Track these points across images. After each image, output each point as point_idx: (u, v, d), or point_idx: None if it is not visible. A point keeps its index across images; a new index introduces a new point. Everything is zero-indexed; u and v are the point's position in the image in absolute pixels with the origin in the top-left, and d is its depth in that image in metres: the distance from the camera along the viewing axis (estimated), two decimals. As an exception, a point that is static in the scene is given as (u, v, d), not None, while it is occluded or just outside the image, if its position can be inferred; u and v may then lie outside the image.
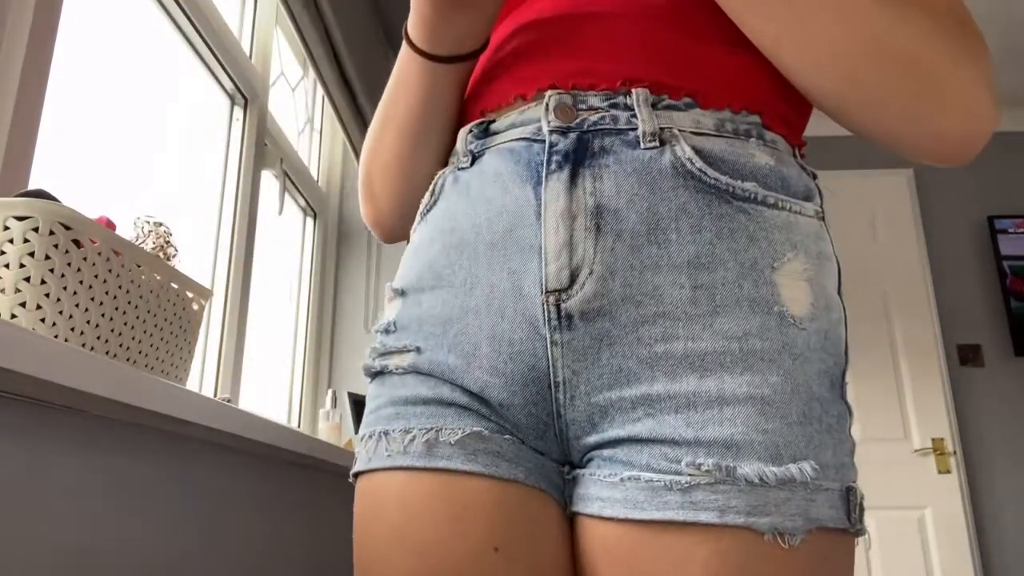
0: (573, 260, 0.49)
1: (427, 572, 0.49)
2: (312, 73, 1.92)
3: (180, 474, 0.82)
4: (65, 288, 0.63)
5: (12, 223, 0.61)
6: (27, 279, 0.61)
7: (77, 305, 0.64)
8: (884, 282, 3.16)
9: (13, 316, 0.60)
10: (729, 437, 0.44)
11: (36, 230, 0.61)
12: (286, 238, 1.99)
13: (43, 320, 0.61)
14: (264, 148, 1.66)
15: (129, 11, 1.22)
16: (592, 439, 0.49)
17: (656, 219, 0.48)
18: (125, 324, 0.71)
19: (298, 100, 2.08)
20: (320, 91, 1.97)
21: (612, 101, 0.52)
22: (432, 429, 0.52)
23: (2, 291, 0.60)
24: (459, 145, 0.58)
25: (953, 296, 3.17)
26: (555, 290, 0.49)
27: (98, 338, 0.67)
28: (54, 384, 0.52)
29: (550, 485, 0.52)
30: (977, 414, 3.05)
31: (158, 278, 0.77)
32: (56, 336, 0.62)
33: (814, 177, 0.56)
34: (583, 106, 0.52)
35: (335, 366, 2.14)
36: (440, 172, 0.60)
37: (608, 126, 0.51)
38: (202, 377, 1.39)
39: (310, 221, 2.15)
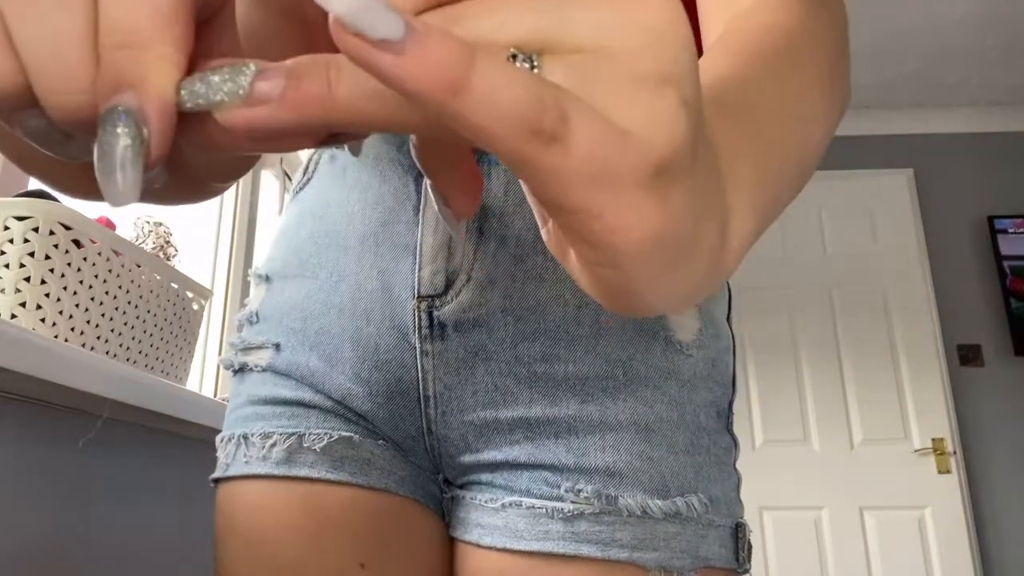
0: (450, 264, 0.44)
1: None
2: (312, 73, 1.92)
3: (180, 474, 0.82)
4: (65, 288, 0.63)
5: (12, 223, 0.61)
6: (27, 279, 0.61)
7: (77, 305, 0.64)
8: (884, 282, 3.16)
9: (13, 316, 0.60)
10: (611, 464, 0.42)
11: (36, 230, 0.61)
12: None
13: (43, 320, 0.61)
14: (264, 148, 1.66)
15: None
16: (467, 459, 0.46)
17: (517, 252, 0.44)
18: (125, 324, 0.71)
19: (298, 100, 2.09)
20: (320, 91, 1.97)
21: None
22: (295, 434, 0.46)
23: (2, 291, 0.60)
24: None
25: (953, 296, 3.17)
26: (428, 296, 0.44)
27: (98, 338, 0.67)
28: (54, 384, 0.52)
29: (426, 496, 0.48)
30: (977, 414, 3.05)
31: (158, 278, 0.77)
32: (56, 336, 0.62)
33: None
34: None
35: (335, 366, 2.14)
36: (315, 150, 0.51)
37: None
38: (202, 377, 1.39)
39: (310, 221, 2.15)
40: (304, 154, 0.57)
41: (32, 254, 0.61)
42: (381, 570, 0.45)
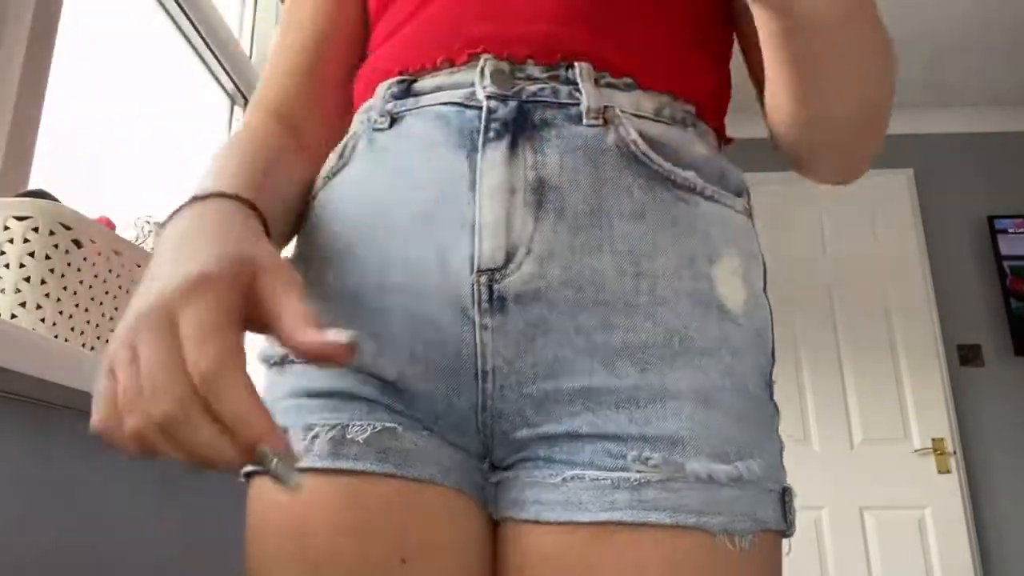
0: (509, 238, 0.44)
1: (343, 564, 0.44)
2: (312, 73, 1.92)
3: (180, 474, 0.82)
4: (65, 288, 0.63)
5: (12, 223, 0.61)
6: (27, 279, 0.61)
7: (77, 305, 0.64)
8: (884, 282, 3.16)
9: (13, 316, 0.60)
10: (675, 432, 0.42)
11: (36, 230, 0.61)
12: (286, 238, 1.99)
13: (43, 320, 0.61)
14: (264, 148, 1.66)
15: (129, 11, 1.22)
16: (523, 433, 0.45)
17: (599, 200, 0.45)
18: (125, 324, 0.71)
19: (298, 100, 2.09)
20: (320, 91, 1.97)
21: (552, 73, 0.47)
22: (338, 425, 0.45)
23: (2, 291, 0.60)
24: (375, 101, 0.51)
25: (953, 296, 3.17)
26: (488, 269, 0.44)
27: (98, 338, 0.67)
28: (54, 384, 0.52)
29: (471, 485, 0.47)
30: (977, 414, 3.05)
31: (158, 278, 0.77)
32: (56, 336, 0.62)
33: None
34: (521, 75, 0.47)
35: (335, 366, 2.14)
36: (351, 132, 0.52)
37: (549, 98, 0.47)
38: (202, 377, 1.39)
39: (310, 221, 2.15)
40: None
41: (32, 254, 0.61)
42: (423, 564, 0.45)
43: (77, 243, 0.64)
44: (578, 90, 0.47)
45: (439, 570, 0.45)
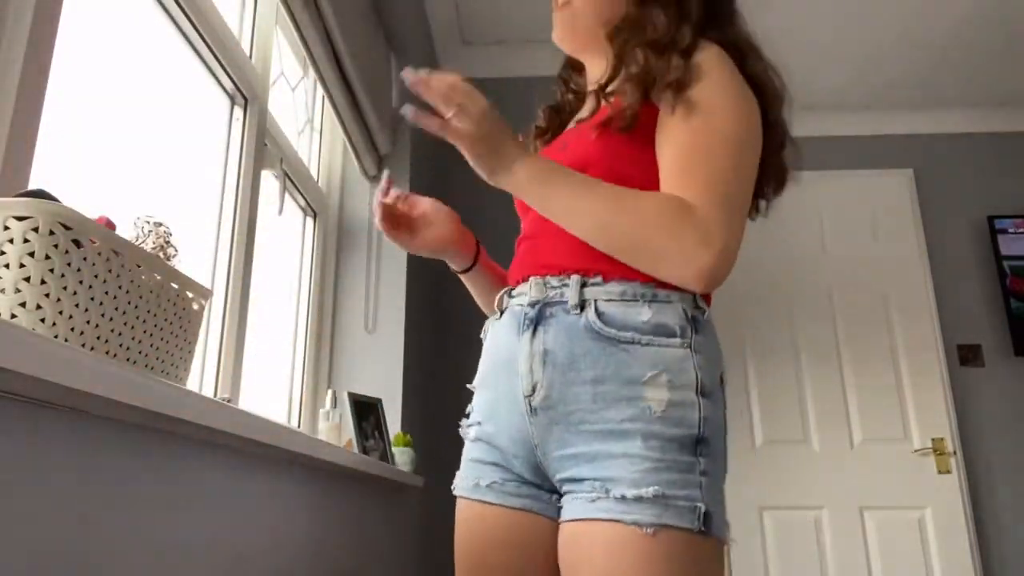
0: (532, 379, 0.86)
1: (476, 549, 0.92)
2: (312, 73, 1.91)
3: (180, 474, 0.82)
4: (65, 288, 0.63)
5: (12, 223, 0.61)
6: (27, 279, 0.61)
7: (77, 305, 0.64)
8: (884, 282, 3.16)
9: (13, 316, 0.60)
10: (612, 475, 0.79)
11: (36, 230, 0.61)
12: (286, 238, 1.99)
13: (43, 320, 0.61)
14: (264, 148, 1.66)
15: (129, 11, 1.22)
16: (558, 477, 0.86)
17: (573, 357, 0.84)
18: (125, 324, 0.71)
19: (298, 100, 2.08)
20: (320, 91, 1.97)
21: (563, 282, 0.88)
22: (478, 477, 0.94)
23: (2, 291, 0.60)
24: (496, 303, 0.98)
25: (953, 296, 3.17)
26: (527, 395, 0.86)
27: (98, 338, 0.67)
28: (54, 384, 0.52)
29: (543, 508, 0.90)
30: (977, 414, 3.05)
31: (158, 278, 0.77)
32: (56, 336, 0.62)
33: (703, 312, 0.87)
34: (547, 285, 0.89)
35: (335, 366, 2.14)
36: (489, 319, 1.01)
37: (556, 299, 0.87)
38: (202, 377, 1.39)
39: (310, 221, 2.15)
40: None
41: (32, 254, 0.61)
42: (519, 551, 0.90)
43: (77, 243, 0.64)
44: (568, 295, 0.87)
45: (529, 555, 0.90)
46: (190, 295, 0.84)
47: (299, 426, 1.95)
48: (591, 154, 0.90)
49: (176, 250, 0.84)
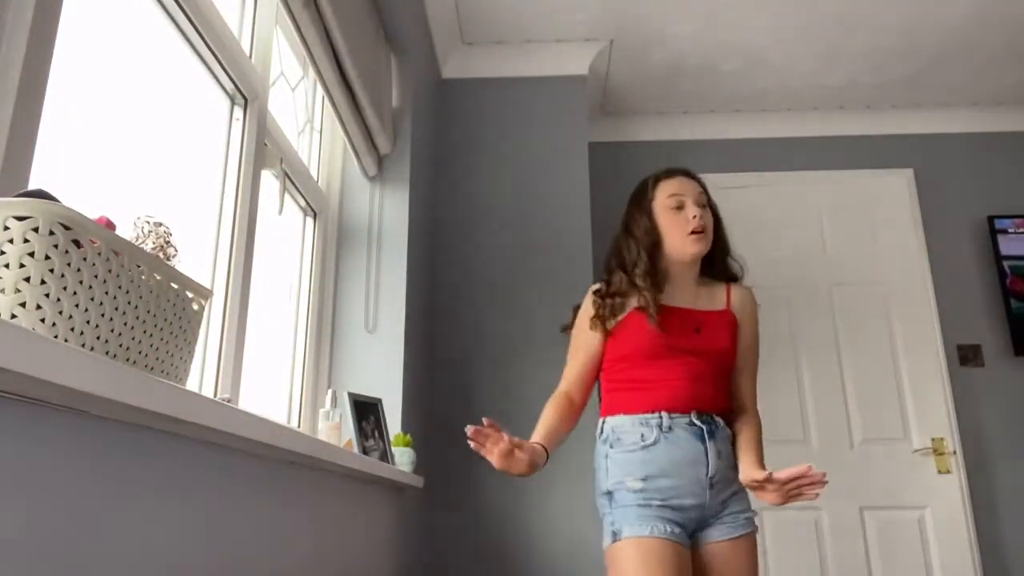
0: (709, 471, 1.45)
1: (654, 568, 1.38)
2: (312, 73, 1.91)
3: (180, 474, 0.82)
4: (65, 288, 0.63)
5: (12, 223, 0.61)
6: (27, 279, 0.61)
7: (77, 305, 0.64)
8: (884, 282, 3.16)
9: (13, 316, 0.60)
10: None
11: (36, 230, 0.61)
12: (286, 238, 1.99)
13: (43, 320, 0.61)
14: (264, 148, 1.66)
15: (129, 11, 1.22)
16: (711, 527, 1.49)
17: (726, 455, 1.49)
18: (125, 324, 0.71)
19: (298, 100, 2.08)
20: (320, 91, 1.97)
21: (710, 414, 1.51)
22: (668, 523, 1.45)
23: (2, 291, 0.60)
24: (650, 417, 1.50)
25: (953, 296, 3.17)
26: (710, 477, 1.45)
27: (98, 338, 0.67)
28: (54, 384, 0.52)
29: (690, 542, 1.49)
30: (977, 414, 3.05)
31: (158, 278, 0.77)
32: (56, 336, 0.62)
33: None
34: (704, 415, 1.50)
35: (335, 366, 2.14)
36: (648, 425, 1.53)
37: (714, 423, 1.50)
38: (202, 377, 1.39)
39: (310, 221, 2.15)
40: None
41: (32, 254, 0.61)
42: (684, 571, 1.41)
43: (77, 243, 0.64)
44: (717, 421, 1.52)
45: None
46: (190, 295, 0.84)
47: (299, 426, 1.95)
48: None
49: (176, 250, 0.84)
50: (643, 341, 1.51)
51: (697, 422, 1.46)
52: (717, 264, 1.65)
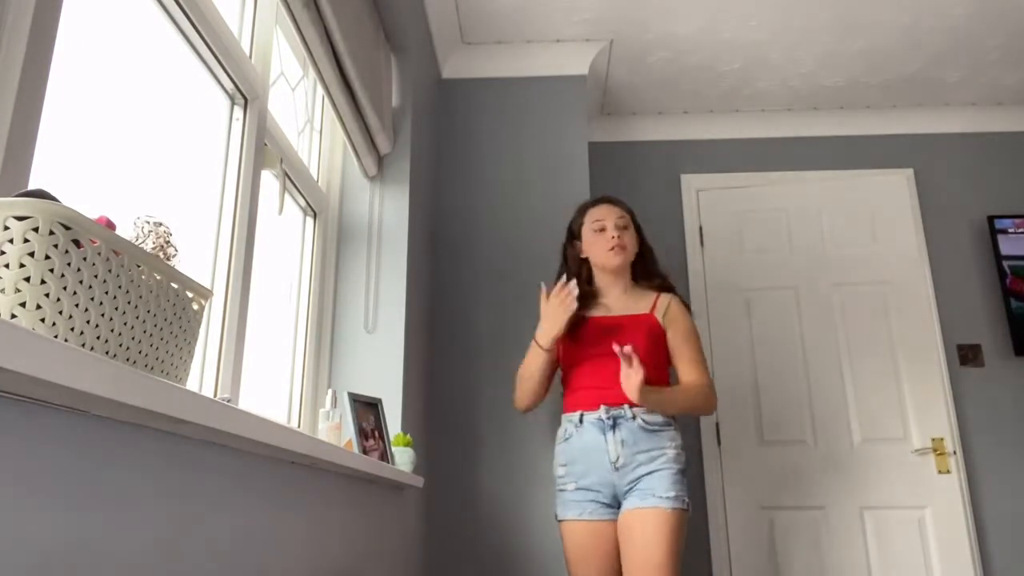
0: (612, 456, 1.91)
1: (589, 554, 1.91)
2: (312, 73, 1.91)
3: (180, 474, 0.82)
4: (65, 288, 0.63)
5: (12, 223, 0.61)
6: (27, 279, 0.61)
7: (77, 305, 0.64)
8: (884, 282, 3.16)
9: (13, 316, 0.60)
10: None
11: (36, 230, 0.61)
12: (286, 238, 1.99)
13: (43, 320, 0.61)
14: (264, 148, 1.66)
15: (129, 11, 1.22)
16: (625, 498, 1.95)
17: (635, 442, 1.90)
18: (125, 324, 0.71)
19: (298, 100, 2.08)
20: (320, 91, 1.97)
21: (621, 407, 1.93)
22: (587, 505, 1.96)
23: (2, 291, 0.60)
24: (574, 415, 2.00)
25: (953, 296, 3.17)
26: (612, 462, 1.91)
27: (98, 338, 0.67)
28: (54, 384, 0.52)
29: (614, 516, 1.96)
30: (977, 414, 3.05)
31: (158, 278, 0.77)
32: (56, 336, 0.62)
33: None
34: (612, 409, 1.94)
35: (335, 366, 2.14)
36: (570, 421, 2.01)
37: (622, 414, 1.93)
38: (202, 377, 1.39)
39: (310, 221, 2.15)
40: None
41: (32, 254, 0.61)
42: (613, 546, 1.92)
43: (77, 243, 0.64)
44: (630, 413, 1.93)
45: (614, 554, 1.91)
46: (190, 295, 0.84)
47: (299, 426, 1.95)
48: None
49: (176, 250, 0.84)
50: (568, 351, 2.03)
51: (604, 417, 1.90)
52: (644, 275, 2.08)
